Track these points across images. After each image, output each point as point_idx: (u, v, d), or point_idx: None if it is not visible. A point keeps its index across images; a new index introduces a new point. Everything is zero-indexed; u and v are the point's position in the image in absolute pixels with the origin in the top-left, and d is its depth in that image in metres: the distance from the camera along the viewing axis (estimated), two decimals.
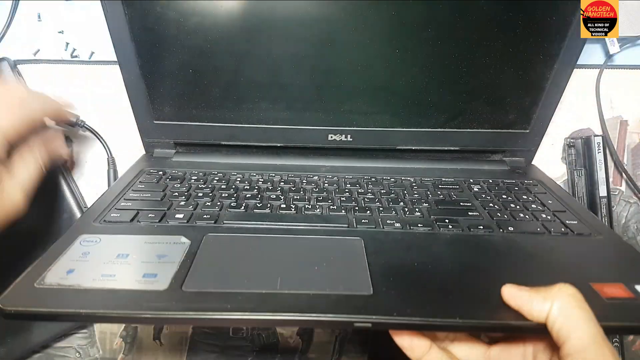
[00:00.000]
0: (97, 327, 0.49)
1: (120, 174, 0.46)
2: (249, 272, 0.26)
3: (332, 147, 0.42)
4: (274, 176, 0.40)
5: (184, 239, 0.29)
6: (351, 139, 0.42)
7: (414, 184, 0.39)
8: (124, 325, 0.48)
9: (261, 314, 0.23)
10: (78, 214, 0.45)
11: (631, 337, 0.48)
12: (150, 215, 0.32)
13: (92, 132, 0.46)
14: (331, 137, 0.42)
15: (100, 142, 0.46)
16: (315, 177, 0.40)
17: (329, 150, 0.43)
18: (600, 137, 0.46)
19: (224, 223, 0.32)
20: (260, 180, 0.39)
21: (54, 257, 0.27)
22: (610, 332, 0.22)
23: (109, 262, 0.27)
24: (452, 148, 0.43)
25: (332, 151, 0.43)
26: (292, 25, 0.37)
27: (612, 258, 0.30)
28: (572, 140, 0.47)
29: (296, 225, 0.32)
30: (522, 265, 0.29)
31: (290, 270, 0.26)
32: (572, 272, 0.28)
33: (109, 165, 0.46)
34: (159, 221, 0.32)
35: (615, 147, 0.48)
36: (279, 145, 0.43)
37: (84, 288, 0.24)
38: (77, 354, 0.49)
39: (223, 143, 0.42)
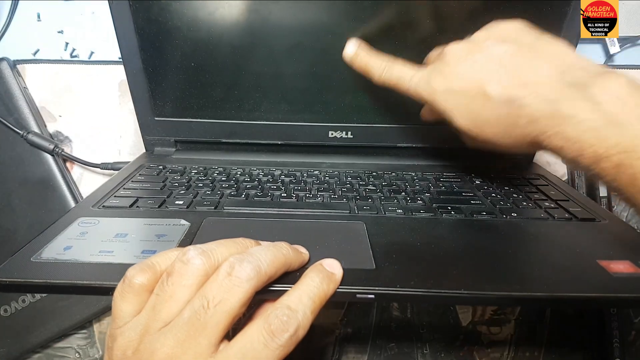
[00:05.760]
0: (97, 328, 0.49)
1: None
2: None
3: (333, 144, 0.42)
4: (275, 170, 0.40)
5: (183, 222, 0.29)
6: (352, 136, 0.42)
7: (415, 178, 0.39)
8: None
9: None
10: None
11: (633, 336, 0.48)
12: (149, 201, 0.32)
13: None
14: (332, 134, 0.42)
15: None
16: (317, 172, 0.40)
17: (330, 148, 0.43)
18: None
19: (224, 209, 0.31)
20: (261, 174, 0.39)
21: (51, 237, 0.26)
22: (618, 305, 0.22)
23: (107, 241, 0.26)
24: (453, 146, 0.43)
25: (333, 148, 0.43)
26: (293, 22, 0.37)
27: (618, 240, 0.29)
28: None
29: (297, 211, 0.31)
30: (527, 244, 0.28)
31: None
32: (577, 251, 0.27)
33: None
34: (159, 207, 0.31)
35: None
36: (279, 142, 0.43)
37: (81, 262, 0.24)
38: (77, 354, 0.49)
39: (223, 140, 0.42)
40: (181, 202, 0.32)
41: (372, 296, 0.22)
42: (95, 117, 0.47)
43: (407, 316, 0.49)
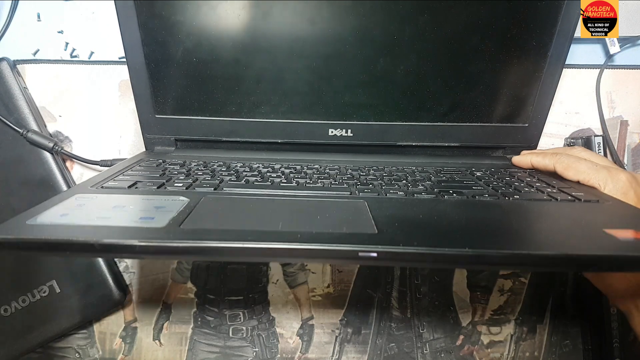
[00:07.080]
0: (97, 328, 0.49)
1: None
2: (249, 218, 0.26)
3: (332, 142, 0.43)
4: (275, 164, 0.40)
5: (182, 197, 0.28)
6: (352, 134, 0.42)
7: (416, 171, 0.39)
8: (123, 325, 0.48)
9: (262, 243, 0.22)
10: None
11: (632, 336, 0.48)
12: (148, 184, 0.32)
13: None
14: (332, 132, 0.42)
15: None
16: (317, 166, 0.40)
17: (330, 146, 0.43)
18: (601, 137, 0.46)
19: (223, 190, 0.31)
20: (261, 166, 0.39)
21: (47, 207, 0.26)
22: (628, 266, 0.22)
23: (105, 210, 0.26)
24: (452, 144, 0.43)
25: (333, 147, 0.43)
26: (294, 20, 0.37)
27: (623, 216, 0.29)
28: (572, 140, 0.47)
29: (298, 192, 0.31)
30: (532, 218, 0.28)
31: (292, 218, 0.26)
32: (583, 223, 0.27)
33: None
34: (157, 188, 0.31)
35: (616, 147, 0.48)
36: (279, 141, 0.43)
37: (78, 224, 0.23)
38: (77, 354, 0.49)
39: (223, 139, 0.43)
40: (180, 185, 0.32)
41: (375, 254, 0.22)
42: (95, 117, 0.47)
43: (407, 316, 0.49)
